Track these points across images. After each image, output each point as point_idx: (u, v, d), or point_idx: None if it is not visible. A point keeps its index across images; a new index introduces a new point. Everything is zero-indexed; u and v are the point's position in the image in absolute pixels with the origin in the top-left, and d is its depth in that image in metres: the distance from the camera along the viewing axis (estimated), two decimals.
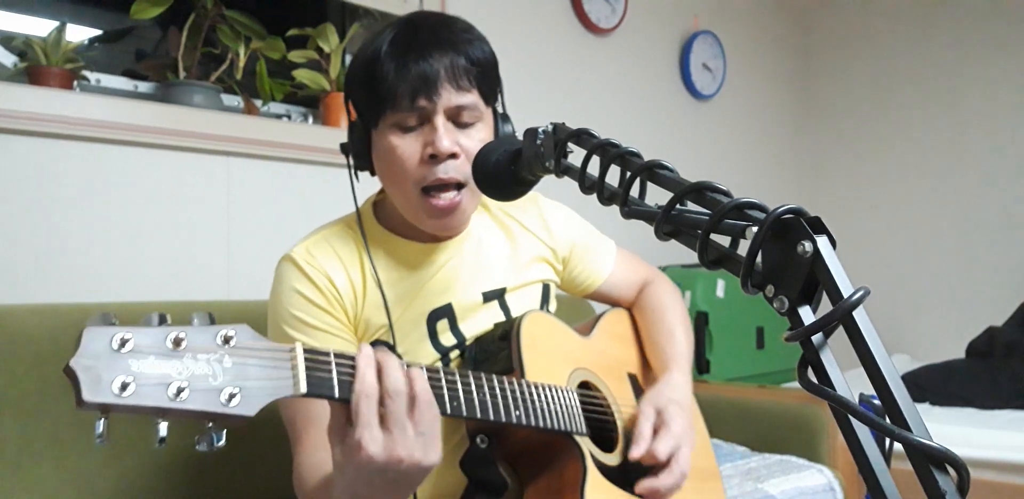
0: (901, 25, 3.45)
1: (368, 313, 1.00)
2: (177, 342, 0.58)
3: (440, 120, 0.93)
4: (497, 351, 0.98)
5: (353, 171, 1.03)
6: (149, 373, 0.56)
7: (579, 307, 1.79)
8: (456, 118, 0.94)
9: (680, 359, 1.15)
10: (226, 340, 0.61)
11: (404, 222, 1.03)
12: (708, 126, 3.07)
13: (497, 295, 1.07)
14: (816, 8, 3.69)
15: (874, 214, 3.48)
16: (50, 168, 1.43)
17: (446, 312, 1.03)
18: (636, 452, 0.95)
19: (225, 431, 0.60)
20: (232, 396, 0.59)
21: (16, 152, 1.39)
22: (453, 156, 0.93)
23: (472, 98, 0.95)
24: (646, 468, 0.99)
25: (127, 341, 0.55)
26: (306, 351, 0.67)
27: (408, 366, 0.72)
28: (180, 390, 0.56)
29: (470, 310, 1.04)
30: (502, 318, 1.07)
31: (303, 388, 0.64)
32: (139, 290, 1.51)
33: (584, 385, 1.04)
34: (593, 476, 0.92)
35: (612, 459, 0.98)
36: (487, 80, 0.97)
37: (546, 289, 1.15)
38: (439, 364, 1.02)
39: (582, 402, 0.98)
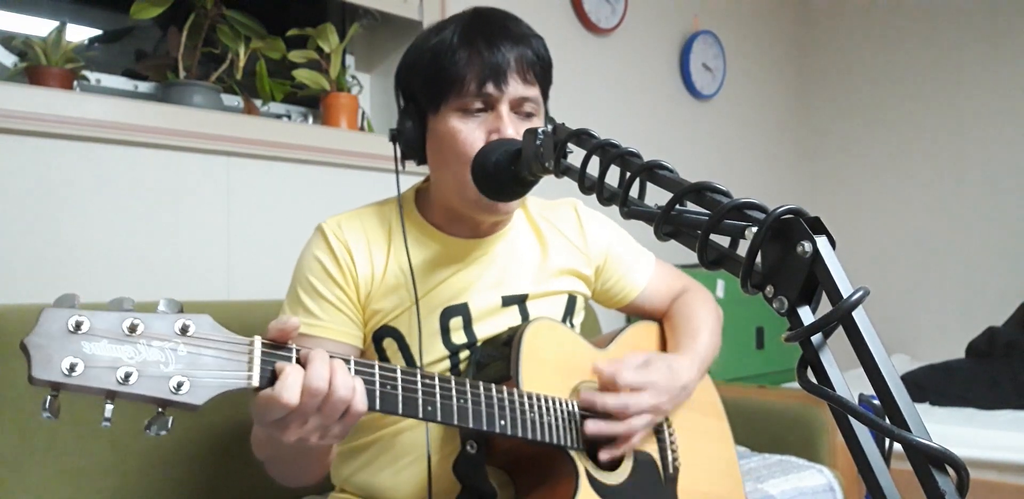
0: (902, 25, 3.45)
1: (380, 296, 1.00)
2: (133, 328, 0.60)
3: (505, 108, 0.95)
4: (498, 356, 0.97)
5: (400, 159, 1.02)
6: (100, 356, 0.58)
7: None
8: (518, 108, 0.96)
9: (691, 352, 1.10)
10: (184, 329, 0.62)
11: (444, 214, 1.03)
12: (708, 126, 3.07)
13: (518, 300, 1.06)
14: (816, 8, 3.68)
15: (874, 214, 3.48)
16: (50, 168, 1.43)
17: (460, 311, 1.02)
18: (603, 366, 0.96)
19: (172, 418, 0.61)
20: (180, 384, 0.60)
21: (16, 152, 1.39)
22: None
23: (535, 92, 0.98)
24: (647, 491, 0.97)
25: (82, 324, 0.57)
26: (265, 345, 0.67)
27: (345, 361, 0.72)
28: (128, 375, 0.58)
29: (487, 312, 1.04)
30: (520, 323, 1.05)
31: (255, 381, 0.65)
32: (139, 290, 1.51)
33: None
34: (585, 494, 0.90)
35: (613, 478, 0.96)
36: (546, 77, 1.01)
37: (572, 300, 1.13)
38: (414, 367, 0.99)
39: (584, 416, 0.96)
